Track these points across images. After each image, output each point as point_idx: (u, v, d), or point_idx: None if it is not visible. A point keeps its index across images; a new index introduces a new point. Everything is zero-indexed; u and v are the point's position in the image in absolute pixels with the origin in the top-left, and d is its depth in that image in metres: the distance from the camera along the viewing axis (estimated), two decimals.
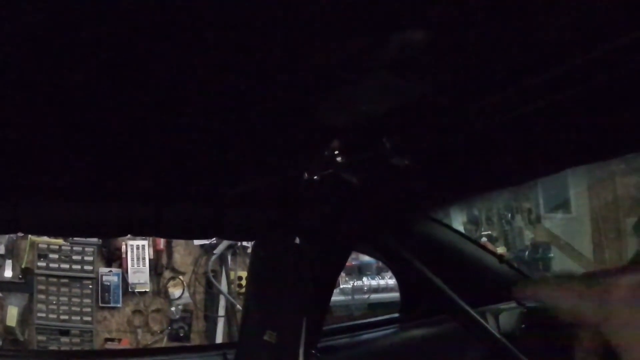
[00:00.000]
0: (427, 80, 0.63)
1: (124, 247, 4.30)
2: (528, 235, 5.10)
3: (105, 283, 4.29)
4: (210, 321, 4.50)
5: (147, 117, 0.75)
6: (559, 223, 4.96)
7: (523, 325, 1.83)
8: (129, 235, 1.38)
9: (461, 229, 4.74)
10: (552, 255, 4.84)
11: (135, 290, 4.34)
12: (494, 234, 5.20)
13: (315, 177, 0.90)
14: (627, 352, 0.43)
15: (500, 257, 2.10)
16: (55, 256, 4.17)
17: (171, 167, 1.02)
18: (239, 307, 4.33)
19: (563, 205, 4.88)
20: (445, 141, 0.87)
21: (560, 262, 4.66)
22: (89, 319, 4.22)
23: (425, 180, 1.21)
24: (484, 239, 4.91)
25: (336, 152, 0.81)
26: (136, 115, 0.75)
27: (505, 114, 0.71)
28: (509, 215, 5.15)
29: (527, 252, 4.91)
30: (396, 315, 2.21)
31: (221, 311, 4.48)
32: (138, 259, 4.33)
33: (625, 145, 1.02)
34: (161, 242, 4.40)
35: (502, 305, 1.89)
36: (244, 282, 4.35)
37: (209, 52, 0.56)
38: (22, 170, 1.00)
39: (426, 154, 0.91)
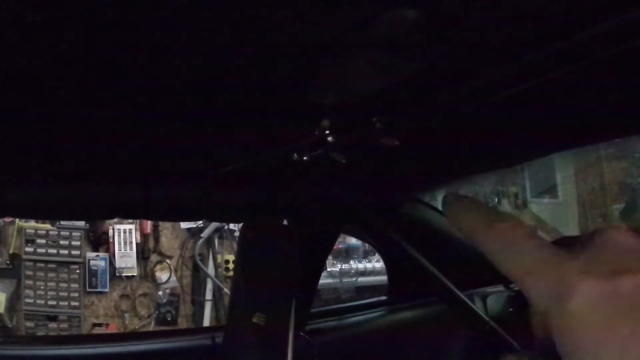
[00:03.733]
0: (417, 59, 0.63)
1: (111, 231, 4.29)
2: None
3: (93, 268, 4.28)
4: (198, 305, 4.52)
5: (134, 96, 0.74)
6: (545, 208, 4.98)
7: (510, 309, 1.85)
8: (116, 219, 1.38)
9: None
10: None
11: (123, 275, 4.35)
12: None
13: (304, 158, 0.89)
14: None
15: None
16: (43, 241, 4.17)
17: (159, 148, 1.01)
18: (226, 290, 4.34)
19: (550, 190, 4.91)
20: (435, 122, 0.87)
21: None
22: (76, 304, 4.23)
23: (415, 161, 1.21)
24: None
25: (326, 132, 0.81)
26: (123, 95, 0.74)
27: (495, 95, 0.71)
28: (496, 199, 5.17)
29: None
30: (384, 297, 2.22)
31: (208, 295, 4.50)
32: (125, 243, 4.32)
33: (612, 129, 1.02)
34: (148, 226, 4.39)
35: (490, 289, 1.91)
36: (230, 266, 4.36)
37: (196, 29, 0.56)
38: (7, 152, 0.99)
39: (416, 134, 0.91)
